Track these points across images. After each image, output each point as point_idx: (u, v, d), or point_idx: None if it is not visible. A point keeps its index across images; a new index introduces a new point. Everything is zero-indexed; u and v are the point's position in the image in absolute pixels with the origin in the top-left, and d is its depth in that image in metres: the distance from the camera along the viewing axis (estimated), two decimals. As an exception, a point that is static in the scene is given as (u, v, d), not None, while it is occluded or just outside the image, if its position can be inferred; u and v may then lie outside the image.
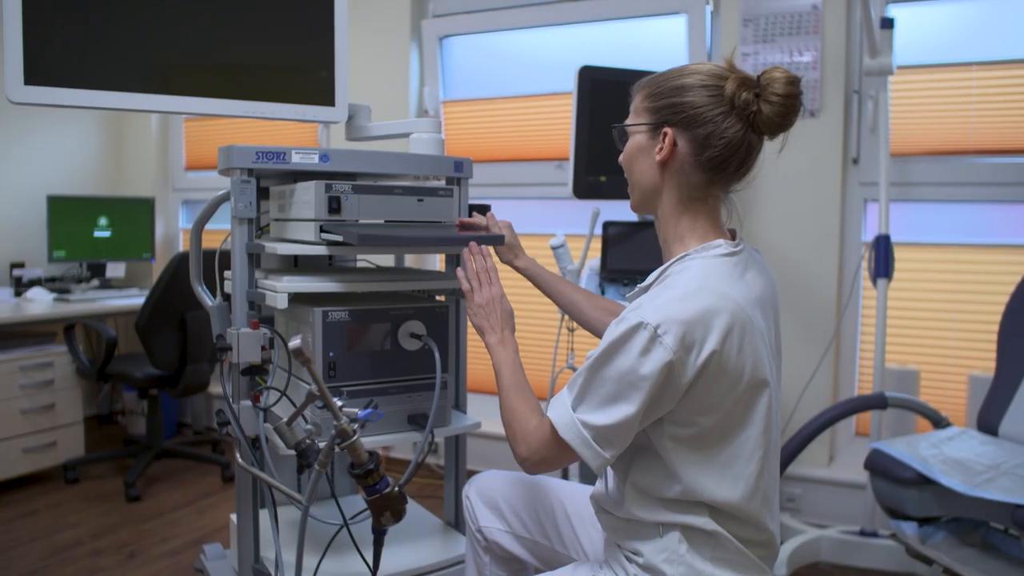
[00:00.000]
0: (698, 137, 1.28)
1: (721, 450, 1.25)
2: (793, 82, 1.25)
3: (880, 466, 2.17)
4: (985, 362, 2.86)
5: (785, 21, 3.03)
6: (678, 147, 1.30)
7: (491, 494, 1.72)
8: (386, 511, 1.26)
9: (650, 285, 1.33)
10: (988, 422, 2.31)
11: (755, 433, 1.26)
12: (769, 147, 1.34)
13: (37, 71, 1.70)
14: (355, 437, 1.21)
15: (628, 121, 1.39)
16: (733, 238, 1.35)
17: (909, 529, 2.17)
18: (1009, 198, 2.86)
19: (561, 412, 1.28)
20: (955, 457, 2.10)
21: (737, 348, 1.21)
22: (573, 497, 1.67)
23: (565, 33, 3.57)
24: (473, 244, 1.65)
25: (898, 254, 2.77)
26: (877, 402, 2.46)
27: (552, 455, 1.31)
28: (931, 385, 2.97)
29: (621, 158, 1.41)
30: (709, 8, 3.19)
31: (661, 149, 1.31)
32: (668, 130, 1.30)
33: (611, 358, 1.22)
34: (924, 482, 2.05)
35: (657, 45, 3.39)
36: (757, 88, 1.26)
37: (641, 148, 1.36)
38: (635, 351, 1.19)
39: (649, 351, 1.19)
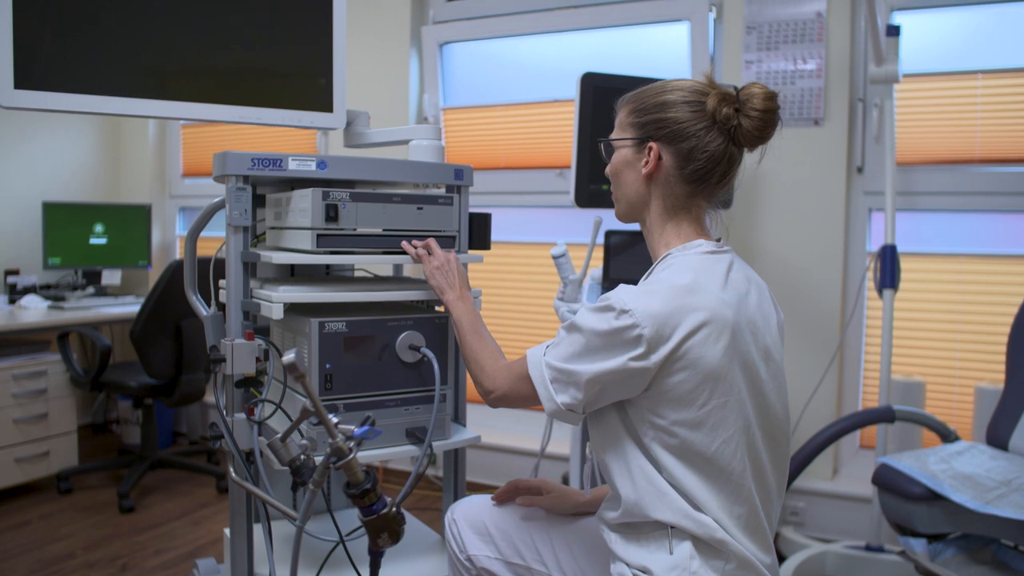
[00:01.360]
0: (682, 151, 1.35)
1: (705, 453, 1.26)
2: (771, 97, 1.32)
3: (888, 481, 2.13)
4: (992, 374, 2.82)
5: (789, 29, 2.99)
6: (663, 161, 1.37)
7: (479, 519, 1.65)
8: (383, 532, 1.22)
9: None
10: (997, 436, 2.27)
11: (740, 442, 1.27)
12: (769, 156, 1.40)
13: (28, 75, 1.66)
14: (351, 455, 1.17)
15: (613, 136, 1.45)
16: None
17: (918, 546, 2.12)
18: (1015, 208, 2.82)
19: (535, 352, 1.39)
20: (965, 472, 2.05)
21: (713, 343, 1.23)
22: (573, 520, 1.61)
23: (567, 40, 3.54)
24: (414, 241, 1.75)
25: (902, 264, 2.73)
26: (885, 415, 2.42)
27: (514, 391, 1.42)
28: (936, 397, 2.93)
29: (608, 170, 1.47)
30: (712, 15, 3.16)
31: (647, 163, 1.38)
32: (653, 145, 1.37)
33: (588, 320, 1.29)
34: (934, 498, 2.01)
35: (660, 53, 3.36)
36: (736, 103, 1.33)
37: (627, 162, 1.42)
38: (607, 322, 1.25)
39: (598, 314, 1.27)
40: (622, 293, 1.27)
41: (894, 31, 2.66)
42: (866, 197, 3.01)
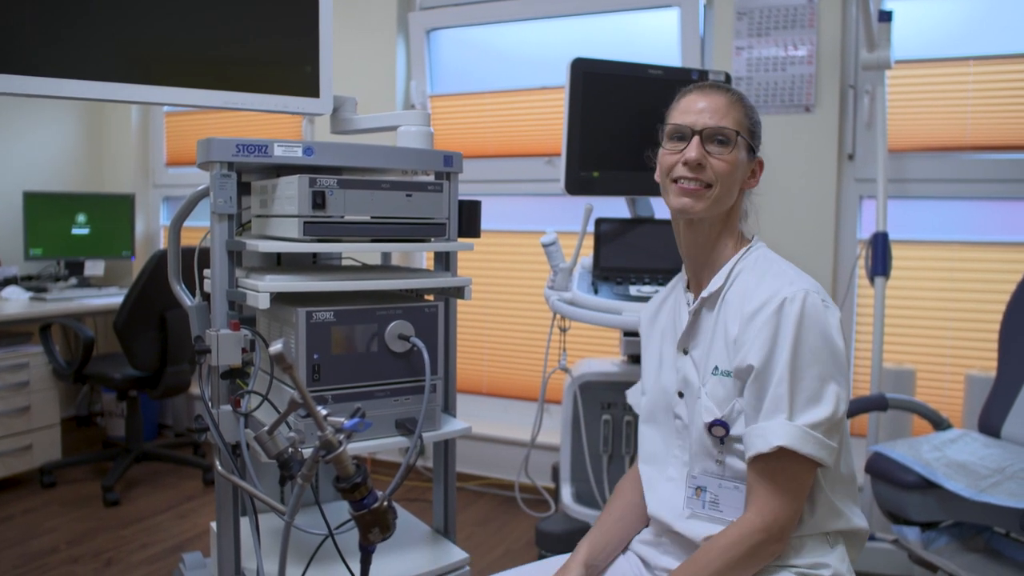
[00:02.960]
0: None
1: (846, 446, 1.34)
2: None
3: (882, 470, 2.12)
4: (982, 361, 2.82)
5: (780, 14, 2.97)
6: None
7: None
8: (375, 527, 1.19)
9: (722, 287, 1.36)
10: (990, 423, 2.26)
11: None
12: (763, 145, 1.44)
13: (5, 58, 1.61)
14: (341, 449, 1.14)
15: (737, 127, 1.36)
16: None
17: (912, 534, 2.11)
18: (1005, 195, 2.82)
19: (790, 431, 1.20)
20: (958, 460, 2.04)
21: None
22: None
23: (555, 26, 3.50)
24: None
25: (893, 252, 2.72)
26: (877, 403, 2.40)
27: (792, 494, 1.22)
28: (927, 385, 2.93)
29: (721, 168, 1.34)
30: (703, 1, 3.13)
31: (753, 174, 1.41)
32: (762, 160, 1.40)
33: (799, 343, 1.22)
34: (927, 486, 2.00)
35: (649, 39, 3.33)
36: None
37: (742, 165, 1.38)
38: (816, 318, 1.22)
39: (825, 311, 1.23)
40: (794, 286, 1.25)
41: (886, 16, 2.64)
42: (857, 184, 2.99)
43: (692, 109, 1.36)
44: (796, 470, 1.22)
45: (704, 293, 1.38)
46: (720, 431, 1.29)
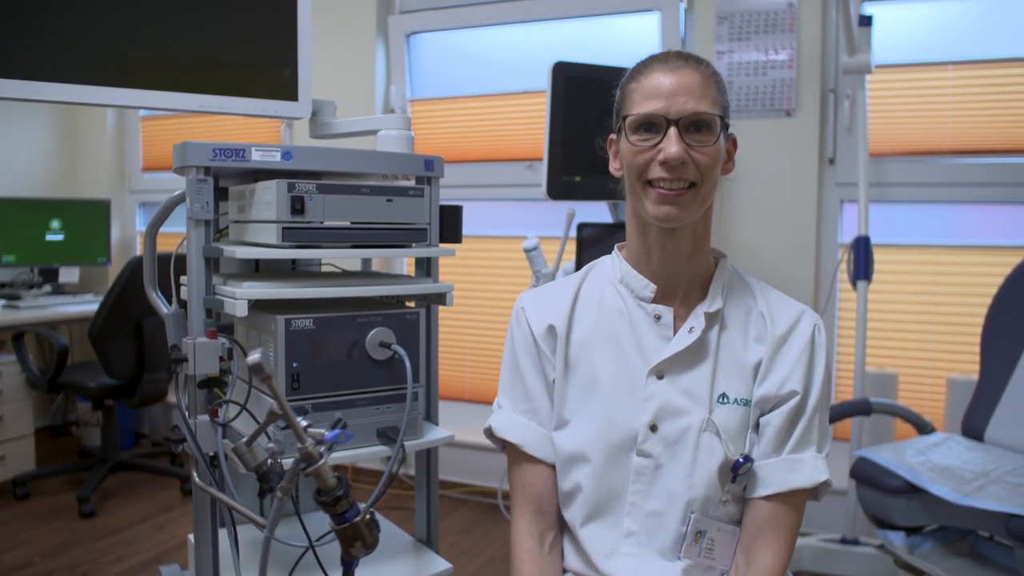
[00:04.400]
0: None
1: None
2: None
3: (866, 475, 2.11)
4: (963, 364, 2.82)
5: (760, 19, 2.97)
6: None
7: None
8: (357, 541, 1.16)
9: (720, 307, 1.23)
10: (973, 427, 2.26)
11: None
12: (740, 148, 1.28)
13: (-27, 61, 1.57)
14: (322, 461, 1.11)
15: (718, 110, 1.13)
16: None
17: (897, 539, 2.11)
18: (986, 198, 2.83)
19: (824, 464, 1.18)
20: (943, 464, 2.04)
21: None
22: None
23: (536, 31, 3.49)
24: None
25: (875, 256, 2.72)
26: (861, 408, 2.40)
27: (798, 530, 1.22)
28: (909, 389, 2.93)
29: (705, 162, 1.13)
30: (683, 5, 3.12)
31: (729, 155, 1.22)
32: (735, 136, 1.21)
33: (827, 372, 1.20)
34: (912, 491, 2.00)
35: (630, 43, 3.32)
36: None
37: (722, 152, 1.17)
38: (829, 344, 1.22)
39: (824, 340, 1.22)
40: (807, 313, 1.24)
41: (866, 21, 2.65)
42: (838, 188, 2.99)
43: (661, 91, 1.11)
44: (804, 501, 1.18)
45: (708, 309, 1.21)
46: (746, 467, 1.14)
